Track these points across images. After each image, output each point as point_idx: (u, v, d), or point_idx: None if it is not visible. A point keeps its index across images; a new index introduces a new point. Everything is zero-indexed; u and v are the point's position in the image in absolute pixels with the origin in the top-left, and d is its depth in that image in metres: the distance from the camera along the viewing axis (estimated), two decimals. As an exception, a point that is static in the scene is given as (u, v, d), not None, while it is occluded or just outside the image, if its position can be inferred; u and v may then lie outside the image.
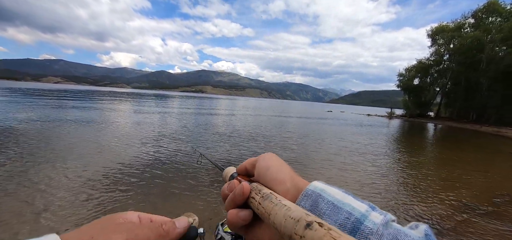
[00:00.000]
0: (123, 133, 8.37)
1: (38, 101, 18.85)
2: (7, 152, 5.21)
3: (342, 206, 0.25)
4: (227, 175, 0.43)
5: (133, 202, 3.43)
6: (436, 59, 37.50)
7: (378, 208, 0.25)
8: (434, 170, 6.53)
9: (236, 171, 0.41)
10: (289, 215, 0.23)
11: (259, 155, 0.36)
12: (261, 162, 0.35)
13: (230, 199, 0.32)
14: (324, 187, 0.28)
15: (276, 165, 0.33)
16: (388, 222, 0.23)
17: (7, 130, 7.34)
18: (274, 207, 0.26)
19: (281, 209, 0.25)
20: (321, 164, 6.24)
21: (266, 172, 0.33)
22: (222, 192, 0.35)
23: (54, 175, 4.15)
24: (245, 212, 0.31)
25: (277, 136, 10.44)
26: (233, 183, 0.34)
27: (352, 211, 0.24)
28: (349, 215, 0.24)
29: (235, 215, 0.31)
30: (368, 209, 0.24)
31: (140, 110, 18.62)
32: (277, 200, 0.27)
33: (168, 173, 4.65)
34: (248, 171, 0.38)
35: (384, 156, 7.83)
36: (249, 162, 0.38)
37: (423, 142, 12.89)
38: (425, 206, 4.04)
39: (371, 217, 0.23)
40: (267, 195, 0.29)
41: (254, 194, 0.30)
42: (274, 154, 0.36)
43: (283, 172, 0.32)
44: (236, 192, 0.31)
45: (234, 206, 0.32)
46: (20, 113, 11.15)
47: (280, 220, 0.24)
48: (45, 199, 3.32)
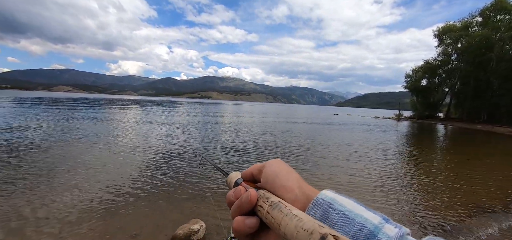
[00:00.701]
0: (130, 140, 8.52)
1: (51, 110, 19.38)
2: (25, 158, 5.39)
3: (354, 217, 0.24)
4: (232, 180, 0.42)
5: (141, 208, 3.49)
6: (444, 59, 36.87)
7: (392, 221, 0.23)
8: (449, 175, 6.41)
9: (241, 176, 0.40)
10: (301, 227, 0.22)
11: (266, 161, 0.35)
12: (268, 168, 0.34)
13: (236, 206, 0.31)
14: (334, 196, 0.27)
15: (284, 172, 0.32)
16: (403, 235, 0.22)
17: (25, 138, 7.57)
18: (284, 218, 0.25)
19: (292, 219, 0.24)
20: (330, 170, 6.20)
21: (274, 179, 0.32)
22: (228, 198, 0.34)
23: (64, 182, 4.26)
24: (252, 219, 0.30)
25: (283, 141, 10.43)
26: (239, 189, 0.33)
27: (365, 222, 0.23)
28: (362, 227, 0.23)
29: (241, 223, 0.30)
30: (382, 221, 0.23)
31: (147, 117, 18.91)
32: (286, 209, 0.26)
33: (175, 179, 4.71)
34: (254, 177, 0.37)
35: (395, 161, 7.71)
36: (255, 167, 0.37)
37: (434, 145, 12.63)
38: (441, 216, 3.97)
39: (385, 230, 0.22)
40: (275, 203, 0.28)
41: (261, 202, 0.30)
42: (282, 160, 0.35)
43: (292, 179, 0.31)
44: (243, 200, 0.30)
45: (240, 214, 0.31)
46: (36, 121, 11.49)
47: (291, 231, 0.23)
48: (52, 204, 3.41)
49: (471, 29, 34.31)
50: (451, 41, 35.71)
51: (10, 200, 3.52)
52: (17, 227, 2.87)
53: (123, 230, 2.93)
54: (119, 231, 2.91)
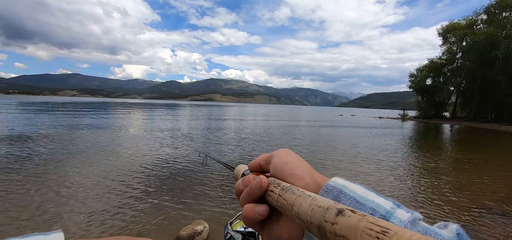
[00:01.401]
0: (136, 143, 8.60)
1: (58, 114, 19.68)
2: (34, 158, 5.49)
3: (365, 202, 0.23)
4: (239, 172, 0.42)
5: (145, 208, 3.53)
6: (449, 57, 36.48)
7: (404, 206, 0.23)
8: (456, 176, 6.33)
9: (248, 168, 0.40)
10: (316, 204, 0.22)
11: (273, 151, 0.35)
12: (277, 157, 0.34)
13: (246, 193, 0.31)
14: (345, 183, 0.26)
15: (294, 160, 0.32)
16: (415, 220, 0.21)
17: (35, 138, 7.71)
18: (298, 198, 0.25)
19: (306, 199, 0.24)
20: (334, 171, 6.20)
21: (283, 167, 0.31)
22: (236, 188, 0.34)
23: (73, 182, 4.33)
24: (262, 206, 0.30)
25: (287, 142, 10.44)
26: (248, 178, 0.33)
27: (377, 207, 0.22)
28: (373, 212, 0.22)
29: (251, 210, 0.30)
30: (393, 206, 0.22)
31: (151, 119, 19.06)
32: (299, 191, 0.26)
33: (178, 180, 4.74)
34: (261, 167, 0.37)
35: (401, 161, 7.64)
36: (262, 158, 0.37)
37: (441, 145, 12.46)
38: (450, 218, 3.92)
39: (397, 214, 0.21)
40: (287, 187, 0.28)
41: (272, 187, 0.29)
42: (290, 149, 0.34)
43: (302, 167, 0.31)
44: (253, 186, 0.30)
45: (250, 201, 0.31)
46: (42, 124, 11.68)
47: (305, 209, 0.23)
48: (63, 203, 3.47)
49: (476, 27, 33.92)
50: (455, 40, 35.33)
51: (22, 198, 3.58)
52: (26, 226, 2.93)
53: (127, 230, 2.96)
54: (123, 232, 2.94)
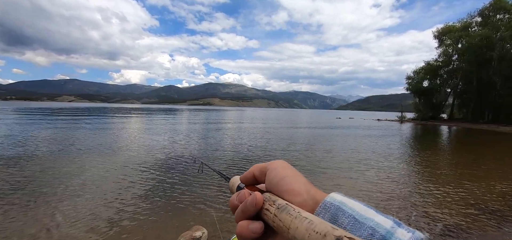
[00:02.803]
0: (131, 149, 8.58)
1: (55, 120, 19.59)
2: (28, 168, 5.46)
3: (364, 221, 0.22)
4: (234, 185, 0.41)
5: (143, 216, 3.52)
6: (445, 59, 36.86)
7: (404, 224, 0.22)
8: (454, 177, 6.37)
9: (241, 180, 0.38)
10: (313, 229, 0.21)
11: (269, 162, 0.34)
12: (273, 170, 0.32)
13: (241, 210, 0.30)
14: (343, 200, 0.26)
15: (290, 174, 0.31)
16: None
17: (27, 149, 7.68)
18: (294, 220, 0.23)
19: (302, 222, 0.22)
20: (332, 175, 6.21)
21: (279, 182, 0.30)
22: (231, 203, 0.33)
23: (67, 192, 4.31)
24: (257, 224, 0.29)
25: (285, 147, 10.45)
26: (243, 193, 0.32)
27: (376, 227, 0.22)
28: (373, 231, 0.21)
29: (245, 228, 0.29)
30: (394, 226, 0.21)
31: (149, 125, 19.02)
32: (295, 212, 0.25)
33: (176, 187, 4.74)
34: (255, 178, 0.36)
35: (399, 164, 7.67)
36: (256, 168, 0.35)
37: (439, 147, 12.53)
38: (448, 220, 3.94)
39: (398, 234, 0.20)
40: (283, 206, 0.26)
41: (268, 205, 0.28)
42: (286, 162, 0.33)
43: (299, 182, 0.30)
44: (248, 203, 0.29)
45: (244, 218, 0.30)
46: (38, 132, 11.62)
47: (302, 234, 0.22)
48: (55, 214, 3.45)
49: (471, 29, 34.38)
50: (451, 42, 35.76)
51: (15, 210, 3.56)
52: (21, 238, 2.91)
53: (126, 238, 2.95)
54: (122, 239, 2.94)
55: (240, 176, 0.40)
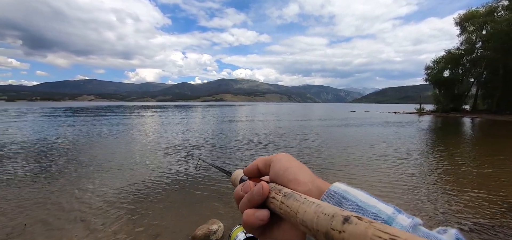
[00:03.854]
0: (148, 146, 8.84)
1: (77, 119, 20.57)
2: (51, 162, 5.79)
3: (367, 208, 0.24)
4: (237, 178, 0.41)
5: (160, 210, 3.63)
6: (468, 48, 34.78)
7: (404, 212, 0.23)
8: (479, 173, 6.08)
9: (244, 173, 0.39)
10: (322, 212, 0.22)
11: (272, 155, 0.35)
12: (277, 162, 0.33)
13: (247, 199, 0.31)
14: (347, 188, 0.27)
15: (295, 165, 0.32)
16: (416, 225, 0.22)
17: (53, 143, 8.13)
18: (302, 205, 0.24)
19: (310, 206, 0.24)
20: (348, 171, 6.11)
21: (284, 172, 0.31)
22: (236, 193, 0.34)
23: (87, 186, 4.53)
24: (263, 212, 0.29)
25: (298, 145, 10.38)
26: (248, 183, 0.33)
27: (378, 213, 0.23)
28: (376, 217, 0.23)
29: (251, 216, 0.29)
30: (395, 212, 0.23)
31: (164, 122, 19.49)
32: (302, 198, 0.25)
33: (191, 181, 4.84)
34: (259, 170, 0.36)
35: (419, 159, 7.40)
36: (261, 161, 0.36)
37: (461, 140, 11.94)
38: (476, 217, 3.79)
39: (398, 219, 0.22)
40: (290, 193, 0.27)
41: (274, 193, 0.29)
42: (289, 154, 0.34)
43: (303, 173, 0.31)
44: (255, 192, 0.30)
45: (250, 207, 0.31)
46: (61, 129, 12.26)
47: (310, 217, 0.22)
48: (76, 207, 3.64)
49: (496, 13, 32.15)
50: (474, 28, 33.65)
51: (38, 202, 3.79)
52: (43, 228, 3.10)
53: (144, 232, 3.07)
54: (140, 232, 3.05)
55: (243, 169, 0.40)
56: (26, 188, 4.42)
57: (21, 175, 5.21)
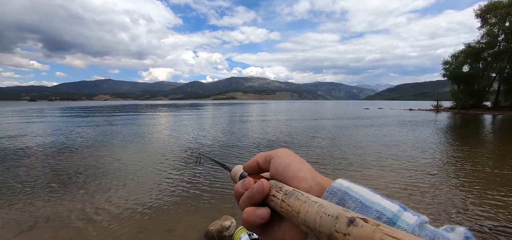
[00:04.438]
0: (161, 143, 9.04)
1: (95, 118, 21.35)
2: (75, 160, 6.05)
3: (371, 205, 0.23)
4: (237, 174, 0.41)
5: (173, 206, 3.72)
6: (489, 41, 33.01)
7: (410, 209, 0.22)
8: (502, 176, 5.81)
9: (243, 169, 0.38)
10: (324, 212, 0.21)
11: (273, 150, 0.34)
12: (277, 158, 0.32)
13: (246, 197, 0.30)
14: (349, 185, 0.26)
15: (295, 161, 0.31)
16: (422, 223, 0.21)
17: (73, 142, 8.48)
18: (303, 204, 0.23)
19: (312, 206, 0.22)
20: (364, 173, 6.01)
21: (285, 169, 0.30)
22: (236, 191, 0.33)
23: (99, 183, 4.69)
24: (263, 210, 0.29)
25: (308, 143, 10.29)
26: (248, 180, 0.32)
27: (383, 210, 0.22)
28: (380, 215, 0.22)
29: (251, 214, 0.29)
30: (400, 209, 0.22)
31: (176, 120, 19.85)
32: (304, 196, 0.24)
33: (204, 178, 4.90)
34: (259, 166, 0.36)
35: (442, 159, 7.15)
36: (261, 157, 0.35)
37: (483, 140, 11.43)
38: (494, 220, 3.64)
39: (404, 217, 0.21)
40: (291, 192, 0.26)
41: (274, 191, 0.28)
42: (290, 150, 0.33)
43: (304, 169, 0.30)
44: (254, 190, 0.29)
45: (250, 205, 0.30)
46: (81, 128, 12.78)
47: (313, 217, 0.21)
48: (94, 202, 3.78)
49: (522, 4, 30.35)
50: (497, 20, 31.89)
51: (58, 197, 3.98)
52: (63, 222, 3.24)
53: (158, 226, 3.15)
54: (154, 227, 3.14)
55: (243, 165, 0.39)
56: (50, 183, 4.65)
57: (47, 170, 5.48)
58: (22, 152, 7.28)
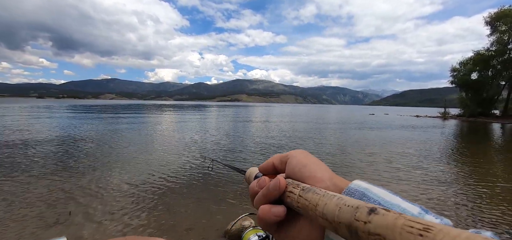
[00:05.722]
0: (171, 145, 9.19)
1: (103, 118, 21.70)
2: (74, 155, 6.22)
3: (391, 207, 0.21)
4: (251, 175, 0.41)
5: (191, 205, 3.82)
6: (499, 48, 32.59)
7: (431, 212, 0.21)
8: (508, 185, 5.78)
9: (259, 170, 0.38)
10: (344, 203, 0.20)
11: (288, 151, 0.34)
12: (294, 158, 0.32)
13: (262, 194, 0.30)
14: (368, 186, 0.25)
15: (312, 161, 0.31)
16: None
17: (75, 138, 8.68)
18: (322, 198, 0.23)
19: (332, 198, 0.22)
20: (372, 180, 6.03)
21: (302, 169, 0.30)
22: (251, 189, 0.33)
23: (117, 182, 4.83)
24: (279, 207, 0.28)
25: (314, 150, 10.34)
26: (264, 179, 0.32)
27: (403, 212, 0.19)
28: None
29: (267, 211, 0.28)
30: (421, 212, 0.21)
31: (182, 122, 20.06)
32: (322, 191, 0.24)
33: (219, 179, 5.00)
34: (275, 168, 0.35)
35: (454, 169, 7.15)
36: (276, 158, 0.35)
37: (492, 149, 11.33)
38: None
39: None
40: (308, 188, 0.26)
41: (291, 188, 0.28)
42: (306, 151, 0.33)
43: (321, 169, 0.30)
44: (271, 187, 0.29)
45: (266, 202, 0.29)
46: (85, 126, 13.04)
47: (332, 209, 0.21)
48: (113, 200, 3.91)
49: (533, 13, 29.94)
50: (507, 28, 31.51)
51: (82, 193, 4.12)
52: (83, 220, 3.37)
53: (177, 225, 3.26)
54: (173, 226, 3.24)
55: (258, 166, 0.40)
56: (72, 179, 4.81)
57: (69, 167, 5.65)
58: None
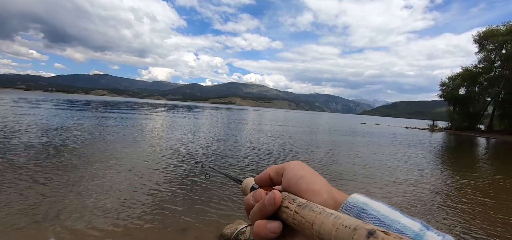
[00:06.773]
0: (166, 148, 9.08)
1: (89, 112, 21.24)
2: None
3: (391, 223, 0.21)
4: (248, 186, 0.40)
5: (186, 208, 3.78)
6: (486, 66, 33.92)
7: (433, 228, 0.20)
8: (496, 198, 5.99)
9: (255, 182, 0.37)
10: (341, 224, 0.19)
11: (285, 163, 0.33)
12: (290, 170, 0.31)
13: (258, 209, 0.29)
14: (366, 201, 0.24)
15: (309, 174, 0.30)
16: None
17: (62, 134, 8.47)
18: (318, 216, 0.22)
19: (328, 217, 0.21)
20: (362, 189, 6.13)
21: (298, 181, 0.29)
22: (246, 202, 0.32)
23: (110, 183, 4.73)
24: (275, 223, 0.27)
25: (305, 152, 10.42)
26: (259, 192, 0.31)
27: (404, 229, 0.20)
28: (400, 234, 0.19)
29: (263, 227, 0.27)
30: (422, 228, 0.20)
31: (173, 123, 19.86)
32: (319, 208, 0.23)
33: (215, 183, 4.98)
34: (272, 179, 0.34)
35: (445, 180, 7.34)
36: (272, 169, 0.34)
37: (479, 162, 11.70)
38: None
39: (427, 237, 0.19)
40: (305, 203, 0.25)
41: (287, 203, 0.27)
42: (303, 162, 0.32)
43: (319, 182, 0.28)
44: (266, 201, 0.28)
45: (261, 217, 0.29)
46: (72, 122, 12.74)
47: (328, 229, 0.20)
48: (109, 201, 3.83)
49: (518, 33, 31.31)
50: (494, 47, 32.84)
51: (69, 192, 4.01)
52: (78, 220, 3.29)
53: (172, 226, 3.21)
54: (167, 226, 3.20)
55: (254, 177, 0.39)
56: (64, 178, 4.68)
57: (61, 166, 5.49)
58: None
